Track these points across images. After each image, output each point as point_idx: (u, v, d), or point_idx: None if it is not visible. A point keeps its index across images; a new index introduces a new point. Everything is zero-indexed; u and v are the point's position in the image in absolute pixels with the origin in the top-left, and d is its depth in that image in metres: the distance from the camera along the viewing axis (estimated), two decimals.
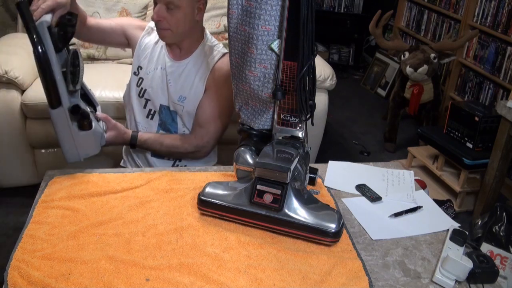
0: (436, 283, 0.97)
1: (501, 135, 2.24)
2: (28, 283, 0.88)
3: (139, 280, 0.90)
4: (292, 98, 1.14)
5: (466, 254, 1.02)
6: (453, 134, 2.58)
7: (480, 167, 2.42)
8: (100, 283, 0.89)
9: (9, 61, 2.13)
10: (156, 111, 1.57)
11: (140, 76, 1.56)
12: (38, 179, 2.19)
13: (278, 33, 1.11)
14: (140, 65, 1.57)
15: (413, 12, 3.79)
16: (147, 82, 1.55)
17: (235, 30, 1.16)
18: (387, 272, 1.00)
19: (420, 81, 2.90)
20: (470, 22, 3.05)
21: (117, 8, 2.48)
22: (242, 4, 1.12)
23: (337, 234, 1.03)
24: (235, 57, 1.21)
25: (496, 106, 2.30)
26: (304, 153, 1.17)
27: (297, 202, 1.04)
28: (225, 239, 1.04)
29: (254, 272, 0.95)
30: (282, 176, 1.03)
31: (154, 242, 1.01)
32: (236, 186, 1.10)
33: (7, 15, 2.82)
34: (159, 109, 1.56)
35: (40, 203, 1.12)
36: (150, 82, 1.55)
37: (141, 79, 1.56)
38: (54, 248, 0.97)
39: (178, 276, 0.92)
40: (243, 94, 1.24)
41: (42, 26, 1.11)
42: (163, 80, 1.54)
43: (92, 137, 1.25)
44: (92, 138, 1.26)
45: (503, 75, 2.80)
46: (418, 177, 2.56)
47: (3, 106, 2.10)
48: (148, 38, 1.58)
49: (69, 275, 0.91)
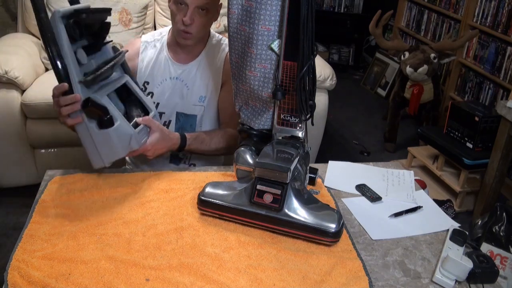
0: (436, 283, 0.97)
1: (501, 135, 2.24)
2: (28, 283, 0.88)
3: (139, 280, 0.90)
4: (292, 98, 1.14)
5: (466, 254, 1.02)
6: (453, 134, 2.58)
7: (480, 167, 2.42)
8: (100, 283, 0.89)
9: (9, 61, 2.13)
10: (171, 121, 1.52)
11: (149, 91, 1.51)
12: (38, 179, 2.19)
13: (278, 33, 1.11)
14: (146, 80, 1.52)
15: (413, 12, 3.79)
16: (157, 95, 1.51)
17: (235, 30, 1.16)
18: (387, 272, 1.00)
19: (420, 81, 2.90)
20: (470, 22, 3.05)
21: (117, 8, 2.48)
22: (242, 4, 1.12)
23: (337, 234, 1.03)
24: (235, 57, 1.21)
25: (496, 106, 2.30)
26: (304, 153, 1.17)
27: (297, 202, 1.04)
28: (225, 239, 1.04)
29: (254, 272, 0.95)
30: (282, 176, 1.03)
31: (154, 242, 1.01)
32: (236, 186, 1.10)
33: (7, 15, 2.82)
34: (175, 118, 1.52)
35: (40, 203, 1.12)
36: (161, 95, 1.51)
37: (151, 93, 1.51)
38: (54, 248, 0.97)
39: (178, 276, 0.92)
40: (243, 94, 1.24)
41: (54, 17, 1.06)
42: (177, 88, 1.50)
43: (115, 137, 1.12)
44: (115, 139, 1.13)
45: (503, 75, 2.80)
46: (418, 177, 2.56)
47: (3, 106, 2.10)
48: (145, 53, 1.53)
49: (69, 275, 0.90)
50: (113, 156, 1.15)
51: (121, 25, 2.49)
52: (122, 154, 1.16)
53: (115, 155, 1.15)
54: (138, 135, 1.19)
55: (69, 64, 1.07)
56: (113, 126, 1.11)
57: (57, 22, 1.06)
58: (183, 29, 1.40)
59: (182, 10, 1.39)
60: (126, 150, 1.17)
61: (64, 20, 1.07)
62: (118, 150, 1.15)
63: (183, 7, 1.38)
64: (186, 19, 1.37)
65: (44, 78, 2.34)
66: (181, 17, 1.38)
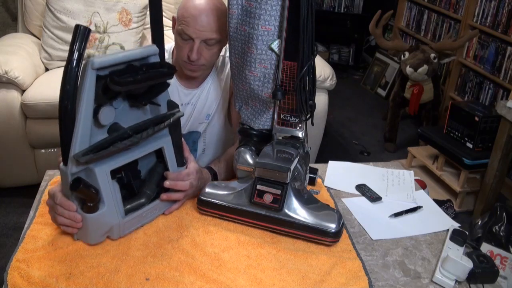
0: (436, 283, 0.97)
1: (501, 135, 2.23)
2: (28, 283, 0.88)
3: (139, 280, 0.91)
4: (292, 98, 1.14)
5: (466, 254, 1.02)
6: (453, 134, 2.57)
7: (480, 167, 2.42)
8: (101, 283, 0.89)
9: (9, 61, 2.13)
10: None
11: None
12: (38, 179, 2.18)
13: (278, 33, 1.11)
14: None
15: (413, 12, 3.79)
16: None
17: (235, 30, 1.16)
18: (387, 272, 1.00)
19: (420, 81, 2.90)
20: (470, 22, 3.05)
21: (117, 8, 2.48)
22: (242, 4, 1.12)
23: (337, 234, 1.03)
24: (235, 57, 1.21)
25: (496, 106, 2.29)
26: (304, 153, 1.17)
27: (297, 202, 1.04)
28: (225, 239, 1.04)
29: (254, 272, 0.95)
30: (282, 176, 1.03)
31: (154, 241, 1.01)
32: (236, 186, 1.10)
33: (7, 15, 2.82)
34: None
35: (42, 203, 1.12)
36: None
37: None
38: (55, 248, 0.97)
39: (178, 275, 0.92)
40: (243, 94, 1.24)
41: (86, 68, 0.85)
42: (186, 113, 1.41)
43: (91, 224, 0.95)
44: (91, 226, 0.95)
45: (503, 75, 2.80)
46: (418, 177, 2.55)
47: (3, 106, 2.10)
48: None
49: (70, 274, 0.91)
50: (83, 238, 0.98)
51: (121, 25, 2.49)
52: (92, 242, 0.98)
53: (85, 238, 0.98)
54: (126, 225, 1.00)
55: (77, 128, 0.87)
56: (92, 213, 0.94)
57: (88, 73, 0.85)
58: (189, 63, 1.29)
59: (187, 43, 1.27)
60: (100, 239, 0.98)
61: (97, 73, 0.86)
62: (89, 237, 0.97)
63: (188, 41, 1.27)
64: (193, 55, 1.25)
65: (44, 78, 2.33)
66: (187, 51, 1.27)
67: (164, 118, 1.00)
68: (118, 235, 1.00)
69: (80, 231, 0.97)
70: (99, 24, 2.45)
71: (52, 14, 2.40)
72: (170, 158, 1.07)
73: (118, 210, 0.98)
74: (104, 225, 0.97)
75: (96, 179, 0.92)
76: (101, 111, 0.90)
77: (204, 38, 1.26)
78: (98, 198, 0.93)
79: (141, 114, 1.02)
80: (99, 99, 0.89)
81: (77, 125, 0.86)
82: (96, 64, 0.84)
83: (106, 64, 0.87)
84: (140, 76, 0.90)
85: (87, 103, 0.86)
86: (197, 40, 1.25)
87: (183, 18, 1.26)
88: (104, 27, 2.47)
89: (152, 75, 0.94)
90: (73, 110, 0.85)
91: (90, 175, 0.92)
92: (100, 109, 0.90)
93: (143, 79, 0.92)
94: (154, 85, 0.98)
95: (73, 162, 0.88)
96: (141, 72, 0.92)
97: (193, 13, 1.24)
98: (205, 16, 1.24)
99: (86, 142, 0.88)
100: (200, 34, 1.25)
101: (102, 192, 0.93)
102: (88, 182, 0.91)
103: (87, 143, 0.88)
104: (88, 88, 0.85)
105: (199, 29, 1.24)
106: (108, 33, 2.47)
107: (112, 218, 0.97)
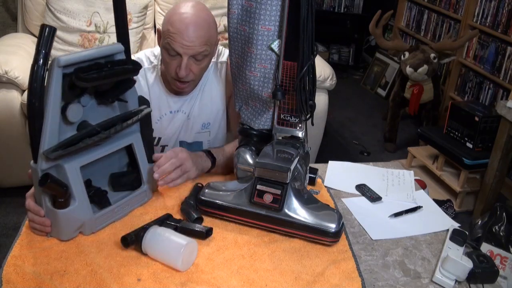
0: (436, 283, 0.97)
1: (501, 135, 2.24)
2: (23, 280, 0.88)
3: (131, 280, 0.90)
4: (292, 98, 1.14)
5: (466, 254, 1.02)
6: (453, 134, 2.57)
7: (480, 167, 2.42)
8: (94, 282, 0.89)
9: (9, 61, 2.13)
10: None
11: None
12: None
13: (278, 33, 1.11)
14: None
15: (413, 12, 3.79)
16: (157, 130, 1.39)
17: (235, 30, 1.16)
18: (387, 272, 1.00)
19: (420, 81, 2.90)
20: (470, 22, 3.05)
21: None
22: (242, 4, 1.12)
23: (337, 234, 1.02)
24: (235, 57, 1.20)
25: (496, 106, 2.29)
26: (304, 153, 1.17)
27: (297, 202, 1.04)
28: (222, 239, 1.04)
29: (247, 273, 0.95)
30: (282, 176, 1.03)
31: None
32: (236, 186, 1.10)
33: (7, 15, 2.82)
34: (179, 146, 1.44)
35: None
36: (161, 129, 1.41)
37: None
38: (50, 245, 0.97)
39: (170, 276, 0.92)
40: (243, 94, 1.23)
41: (52, 65, 0.87)
42: (177, 119, 1.41)
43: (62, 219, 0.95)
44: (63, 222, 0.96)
45: (503, 75, 2.80)
46: (418, 177, 2.55)
47: (3, 106, 2.10)
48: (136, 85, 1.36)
49: (64, 272, 0.91)
50: (55, 234, 0.99)
51: None
52: (64, 237, 0.98)
53: (57, 234, 0.98)
54: (97, 221, 1.01)
55: (45, 125, 0.88)
56: (63, 209, 0.95)
57: (54, 71, 0.87)
58: (178, 80, 1.25)
59: (174, 59, 1.22)
60: (72, 235, 0.99)
61: (63, 70, 0.88)
62: (61, 232, 0.98)
63: (176, 57, 1.21)
64: (181, 72, 1.20)
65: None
66: (175, 68, 1.23)
67: (133, 114, 1.02)
68: (90, 231, 1.01)
69: (52, 227, 0.98)
70: (99, 24, 2.45)
71: (52, 14, 2.40)
72: (140, 154, 1.09)
73: (89, 206, 0.99)
74: (75, 220, 0.98)
75: (66, 175, 0.94)
76: (68, 108, 0.92)
77: (193, 53, 1.22)
78: (68, 193, 0.94)
79: (109, 111, 1.04)
80: (66, 97, 0.91)
81: (45, 123, 0.88)
82: (62, 62, 0.86)
83: (72, 62, 0.89)
84: (105, 73, 0.92)
85: (54, 101, 0.88)
86: (185, 56, 1.21)
87: (168, 33, 1.21)
88: (104, 27, 2.47)
89: (117, 72, 0.96)
90: (41, 107, 0.87)
91: (60, 171, 0.94)
92: (68, 107, 0.92)
93: (108, 75, 0.94)
94: (120, 82, 1.00)
95: (43, 159, 0.90)
96: (106, 68, 0.93)
97: (179, 27, 1.19)
98: (192, 31, 1.19)
99: (55, 139, 0.90)
100: (188, 50, 1.21)
101: (72, 188, 0.95)
102: (56, 177, 0.92)
103: (56, 140, 0.90)
104: (55, 85, 0.87)
105: (187, 45, 1.20)
106: (108, 33, 2.48)
107: (84, 214, 0.98)
